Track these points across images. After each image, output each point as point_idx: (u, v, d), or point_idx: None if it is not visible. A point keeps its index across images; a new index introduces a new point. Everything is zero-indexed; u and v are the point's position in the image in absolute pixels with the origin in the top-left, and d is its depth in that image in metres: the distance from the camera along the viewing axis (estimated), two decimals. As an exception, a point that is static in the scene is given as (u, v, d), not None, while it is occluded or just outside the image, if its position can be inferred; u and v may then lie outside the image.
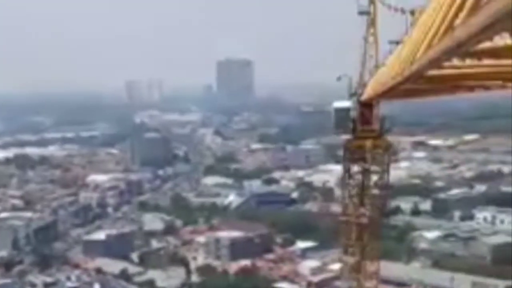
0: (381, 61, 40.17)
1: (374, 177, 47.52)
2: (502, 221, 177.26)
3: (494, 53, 14.10)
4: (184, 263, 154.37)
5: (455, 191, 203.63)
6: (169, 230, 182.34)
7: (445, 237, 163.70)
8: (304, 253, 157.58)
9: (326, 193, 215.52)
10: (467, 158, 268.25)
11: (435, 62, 15.07)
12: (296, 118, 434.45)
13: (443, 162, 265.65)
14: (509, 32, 11.00)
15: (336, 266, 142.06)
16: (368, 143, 46.20)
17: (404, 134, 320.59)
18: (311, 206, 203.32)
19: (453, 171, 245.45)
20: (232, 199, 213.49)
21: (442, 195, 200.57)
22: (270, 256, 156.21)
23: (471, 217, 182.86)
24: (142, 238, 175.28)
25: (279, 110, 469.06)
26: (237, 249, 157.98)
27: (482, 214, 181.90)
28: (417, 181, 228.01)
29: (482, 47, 12.50)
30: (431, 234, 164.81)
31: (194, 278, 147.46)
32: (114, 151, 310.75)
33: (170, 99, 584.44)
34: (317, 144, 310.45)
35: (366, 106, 46.14)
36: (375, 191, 47.77)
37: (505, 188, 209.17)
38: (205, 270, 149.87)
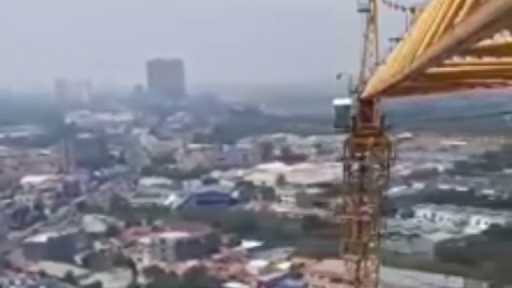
0: (381, 59, 40.20)
1: (374, 175, 47.29)
2: (441, 218, 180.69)
3: (495, 51, 14.04)
4: (130, 264, 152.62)
5: (394, 190, 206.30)
6: (112, 231, 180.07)
7: (389, 235, 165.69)
8: (251, 253, 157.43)
9: (266, 192, 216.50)
10: (402, 157, 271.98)
11: (435, 60, 14.92)
12: (228, 118, 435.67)
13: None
14: (510, 30, 11.10)
15: (284, 265, 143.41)
16: (369, 140, 46.13)
17: (339, 133, 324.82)
18: (253, 206, 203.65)
19: (390, 169, 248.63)
20: (172, 199, 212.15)
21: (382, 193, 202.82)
22: (217, 256, 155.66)
23: (411, 215, 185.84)
24: (85, 240, 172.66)
25: (211, 110, 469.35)
26: (183, 250, 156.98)
27: (422, 212, 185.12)
28: (356, 180, 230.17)
29: (482, 45, 12.42)
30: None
31: (141, 279, 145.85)
32: (46, 152, 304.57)
33: (99, 99, 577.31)
34: (253, 143, 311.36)
35: (367, 103, 46.03)
36: (376, 189, 47.57)
37: (442, 186, 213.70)
38: (152, 271, 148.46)
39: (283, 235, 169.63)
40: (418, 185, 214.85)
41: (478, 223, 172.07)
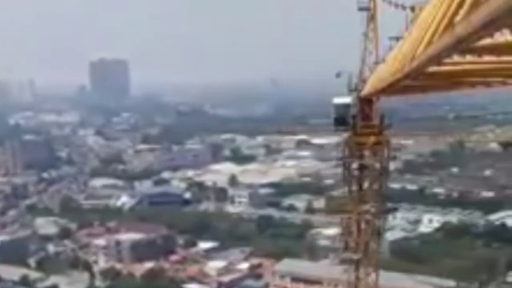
0: (381, 57, 40.41)
1: (375, 174, 47.59)
2: (394, 217, 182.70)
3: (495, 49, 14.23)
4: (86, 267, 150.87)
5: (345, 189, 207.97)
6: (65, 233, 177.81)
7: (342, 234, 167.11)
8: (207, 254, 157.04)
9: (219, 193, 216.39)
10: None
11: (436, 59, 15.01)
12: (175, 118, 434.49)
13: (329, 160, 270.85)
14: (510, 28, 11.27)
15: (243, 266, 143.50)
16: (369, 139, 46.34)
17: (287, 133, 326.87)
18: (207, 206, 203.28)
19: (340, 168, 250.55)
20: (124, 200, 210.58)
21: (334, 193, 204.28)
22: (174, 257, 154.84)
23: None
24: (38, 242, 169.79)
25: (157, 110, 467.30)
26: (139, 251, 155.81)
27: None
28: (307, 179, 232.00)
29: (482, 44, 12.60)
30: (330, 231, 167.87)
31: (99, 282, 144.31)
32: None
33: (42, 100, 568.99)
34: (202, 144, 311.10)
35: (366, 102, 46.18)
36: (376, 188, 47.89)
37: (393, 185, 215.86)
38: (109, 273, 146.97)
39: (238, 235, 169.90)
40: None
41: (430, 221, 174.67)
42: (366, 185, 47.39)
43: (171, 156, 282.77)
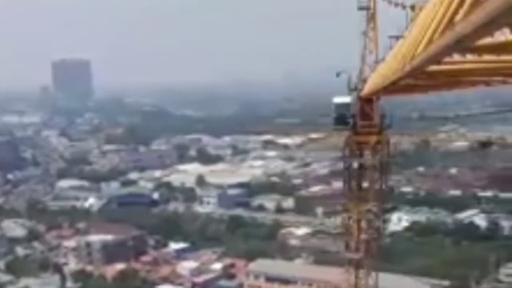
0: (381, 57, 40.57)
1: (376, 173, 47.86)
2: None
3: (495, 48, 14.21)
4: (57, 269, 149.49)
5: (315, 188, 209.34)
6: (33, 235, 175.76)
7: (315, 233, 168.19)
8: (179, 254, 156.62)
9: (187, 193, 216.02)
10: (317, 156, 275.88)
11: (436, 58, 15.04)
12: (139, 119, 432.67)
13: (296, 160, 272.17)
14: (510, 27, 11.32)
15: (216, 266, 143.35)
16: (369, 138, 46.58)
17: (252, 133, 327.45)
18: (176, 207, 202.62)
19: (307, 168, 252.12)
20: (92, 201, 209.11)
21: (303, 193, 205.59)
22: (145, 258, 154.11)
23: (334, 213, 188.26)
24: (6, 245, 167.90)
25: (120, 111, 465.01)
26: (110, 253, 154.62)
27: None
28: (275, 179, 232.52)
29: (483, 43, 12.60)
30: (301, 231, 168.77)
31: (70, 284, 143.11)
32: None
33: (4, 101, 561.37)
34: (168, 144, 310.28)
35: (367, 101, 46.39)
36: (377, 187, 48.17)
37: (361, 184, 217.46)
38: (80, 275, 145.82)
39: (209, 236, 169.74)
40: (337, 184, 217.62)
41: (400, 220, 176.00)
42: (366, 184, 47.44)
43: (137, 157, 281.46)
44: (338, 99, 47.45)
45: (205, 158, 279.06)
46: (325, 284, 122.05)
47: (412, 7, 26.83)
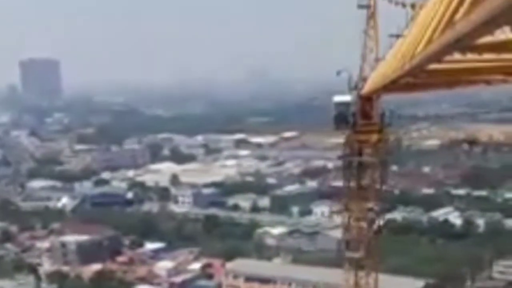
0: (381, 55, 40.37)
1: (376, 172, 47.58)
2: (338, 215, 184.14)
3: (495, 47, 14.30)
4: (31, 270, 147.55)
5: (289, 188, 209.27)
6: (6, 236, 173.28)
7: (291, 232, 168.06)
8: (155, 254, 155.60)
9: (161, 192, 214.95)
10: (290, 155, 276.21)
11: (436, 56, 15.19)
12: (110, 118, 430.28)
13: (269, 159, 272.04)
14: (510, 26, 11.37)
15: (194, 266, 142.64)
16: (370, 137, 46.31)
17: (224, 132, 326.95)
18: (150, 207, 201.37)
19: (281, 168, 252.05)
20: (65, 202, 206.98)
21: (278, 192, 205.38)
22: (121, 258, 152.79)
23: (309, 212, 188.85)
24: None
25: (90, 110, 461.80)
26: (85, 253, 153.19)
27: (319, 209, 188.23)
28: (249, 178, 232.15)
29: (483, 41, 12.70)
30: (277, 230, 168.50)
31: (45, 285, 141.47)
32: None
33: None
34: (140, 144, 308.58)
35: (367, 100, 46.12)
36: (377, 186, 47.92)
37: (335, 183, 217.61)
38: (56, 276, 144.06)
39: (185, 235, 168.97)
40: (311, 183, 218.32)
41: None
42: (367, 182, 47.17)
43: (110, 157, 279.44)
44: (338, 98, 47.11)
45: (178, 157, 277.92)
46: (304, 284, 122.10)
47: (413, 6, 26.74)
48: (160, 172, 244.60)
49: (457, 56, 16.65)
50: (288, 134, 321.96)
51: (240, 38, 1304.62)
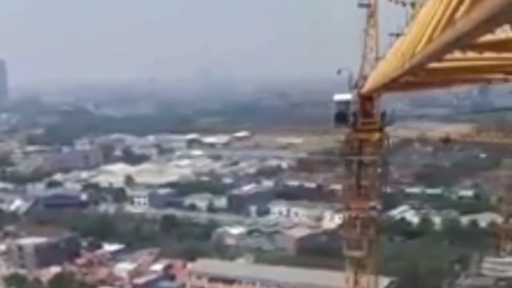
0: (381, 54, 40.51)
1: (377, 171, 47.76)
2: (296, 214, 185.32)
3: (496, 46, 14.22)
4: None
5: (246, 187, 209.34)
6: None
7: (250, 232, 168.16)
8: (114, 256, 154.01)
9: (116, 193, 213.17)
10: (244, 154, 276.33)
11: (436, 55, 15.11)
12: (58, 118, 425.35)
13: (223, 159, 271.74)
14: (511, 25, 11.41)
15: (156, 267, 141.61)
16: (371, 136, 46.45)
17: (175, 132, 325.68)
18: (106, 208, 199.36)
19: (235, 167, 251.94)
20: (18, 204, 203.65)
21: (235, 191, 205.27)
22: (80, 260, 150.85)
23: (267, 212, 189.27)
24: None
25: (38, 111, 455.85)
26: (43, 256, 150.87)
27: (277, 208, 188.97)
28: (205, 178, 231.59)
29: (483, 40, 12.67)
30: (236, 230, 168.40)
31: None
32: None
33: None
34: (92, 144, 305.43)
35: (367, 98, 46.22)
36: (377, 184, 48.12)
37: (290, 182, 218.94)
38: (13, 280, 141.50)
39: (143, 236, 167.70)
40: (267, 183, 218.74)
41: (332, 218, 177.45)
42: (368, 181, 47.37)
43: (61, 158, 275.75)
44: (338, 96, 47.21)
45: (131, 158, 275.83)
46: (269, 284, 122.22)
47: (413, 4, 26.74)
48: (114, 173, 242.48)
49: (457, 54, 16.61)
50: (240, 134, 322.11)
51: (184, 39, 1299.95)
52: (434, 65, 18.16)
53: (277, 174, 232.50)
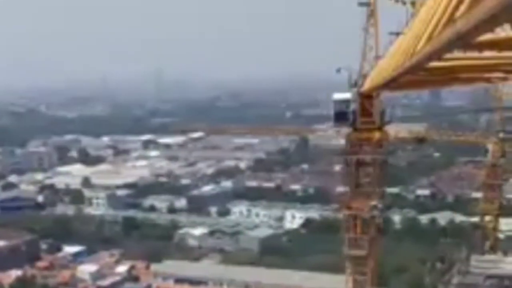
0: (381, 53, 40.66)
1: (377, 170, 47.97)
2: (257, 214, 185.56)
3: (496, 45, 14.40)
4: None
5: (205, 188, 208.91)
6: None
7: (212, 233, 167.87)
8: (75, 258, 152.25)
9: (74, 195, 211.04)
10: (200, 155, 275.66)
11: (436, 54, 15.25)
12: (9, 120, 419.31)
13: (180, 160, 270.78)
14: (511, 24, 11.59)
15: (121, 269, 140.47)
16: (371, 135, 46.60)
17: (130, 133, 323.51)
18: (64, 210, 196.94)
19: (193, 168, 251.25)
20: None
21: (194, 192, 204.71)
22: (41, 263, 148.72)
23: (228, 212, 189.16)
24: None
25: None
26: (2, 259, 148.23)
27: (238, 209, 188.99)
28: (163, 179, 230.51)
29: (483, 39, 12.82)
30: (198, 231, 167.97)
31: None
32: None
33: None
34: (46, 146, 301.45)
35: (367, 97, 46.30)
36: (377, 184, 48.32)
37: (250, 183, 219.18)
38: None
39: (104, 238, 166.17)
40: (226, 183, 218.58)
41: (293, 218, 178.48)
42: (368, 180, 47.56)
43: (15, 159, 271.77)
44: (337, 95, 47.26)
45: (87, 159, 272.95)
46: (235, 284, 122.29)
47: (413, 3, 26.91)
48: (70, 174, 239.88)
49: (457, 53, 16.82)
50: (195, 134, 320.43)
51: (136, 37, 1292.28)
52: (434, 64, 18.33)
53: (236, 175, 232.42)
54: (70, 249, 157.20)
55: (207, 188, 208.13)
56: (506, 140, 74.56)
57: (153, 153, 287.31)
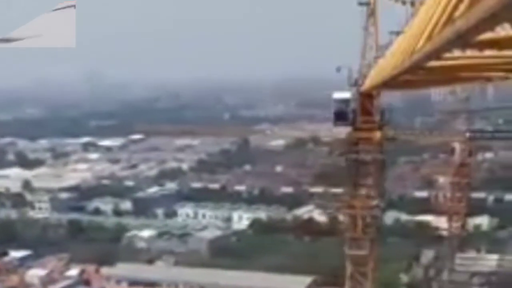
0: (381, 52, 40.98)
1: (377, 169, 48.37)
2: (204, 216, 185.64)
3: (496, 44, 14.34)
4: None
5: (150, 190, 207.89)
6: None
7: (160, 235, 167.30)
8: (22, 262, 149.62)
9: (15, 198, 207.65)
10: (142, 157, 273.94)
11: (436, 53, 15.38)
12: None
13: (121, 162, 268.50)
14: (510, 23, 11.74)
15: (71, 272, 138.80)
16: (372, 135, 46.94)
17: (68, 136, 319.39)
18: (6, 213, 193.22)
19: (135, 170, 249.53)
20: None
21: (139, 194, 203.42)
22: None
23: (174, 214, 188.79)
24: None
25: None
26: None
27: (184, 210, 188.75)
28: (106, 182, 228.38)
29: (483, 38, 12.68)
30: (146, 233, 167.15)
31: None
32: None
33: None
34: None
35: (367, 96, 46.51)
36: (378, 182, 48.72)
37: (194, 184, 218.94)
38: None
39: (50, 241, 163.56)
40: (170, 185, 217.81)
41: (240, 218, 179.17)
42: (368, 180, 48.04)
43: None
44: (337, 95, 47.37)
45: (25, 162, 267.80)
46: (191, 285, 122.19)
47: (412, 3, 27.55)
48: (9, 178, 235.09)
49: (457, 53, 17.14)
50: (135, 136, 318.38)
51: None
52: (433, 63, 18.57)
53: (179, 176, 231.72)
54: (16, 253, 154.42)
55: (152, 190, 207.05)
56: (472, 139, 76.26)
57: (94, 155, 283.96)
